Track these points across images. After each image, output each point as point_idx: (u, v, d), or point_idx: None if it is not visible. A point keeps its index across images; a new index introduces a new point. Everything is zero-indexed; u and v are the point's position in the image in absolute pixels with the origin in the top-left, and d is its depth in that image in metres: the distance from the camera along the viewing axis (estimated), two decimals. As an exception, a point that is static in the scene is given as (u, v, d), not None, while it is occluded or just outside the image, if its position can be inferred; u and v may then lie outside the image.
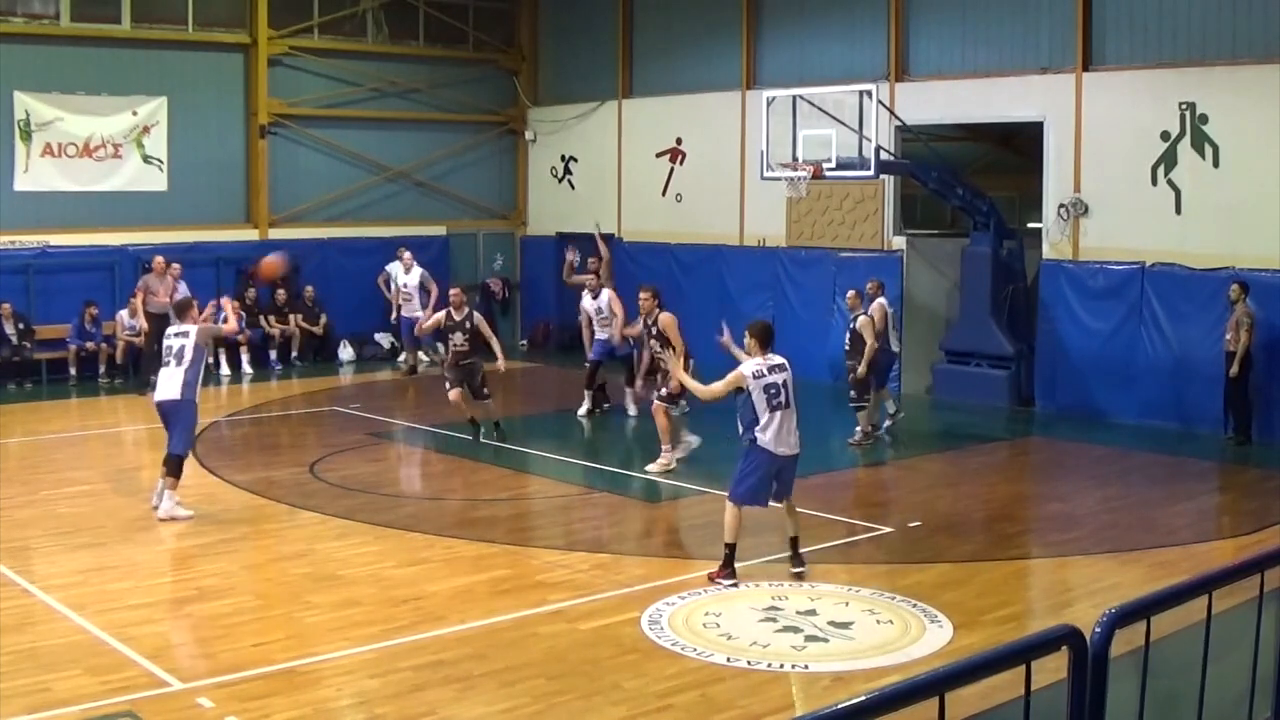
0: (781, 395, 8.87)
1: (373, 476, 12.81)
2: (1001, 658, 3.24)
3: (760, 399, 8.81)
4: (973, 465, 13.77)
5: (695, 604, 8.55)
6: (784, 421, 8.87)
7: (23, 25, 18.88)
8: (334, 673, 7.33)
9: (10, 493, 11.72)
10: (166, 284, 17.69)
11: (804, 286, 19.08)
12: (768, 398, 8.83)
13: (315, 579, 9.19)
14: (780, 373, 8.95)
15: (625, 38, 21.98)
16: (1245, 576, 4.23)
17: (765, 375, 8.88)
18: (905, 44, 18.18)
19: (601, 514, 11.73)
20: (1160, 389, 15.32)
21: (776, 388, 8.87)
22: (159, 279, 17.82)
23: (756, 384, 8.83)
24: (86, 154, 19.44)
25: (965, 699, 5.69)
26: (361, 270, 21.09)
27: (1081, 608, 8.48)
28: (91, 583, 8.99)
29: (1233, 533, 10.96)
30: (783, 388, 8.89)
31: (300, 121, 21.40)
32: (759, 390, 8.82)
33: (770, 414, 8.82)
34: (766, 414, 8.82)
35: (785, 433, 8.88)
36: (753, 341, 9.12)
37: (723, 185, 20.27)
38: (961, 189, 16.98)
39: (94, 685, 6.97)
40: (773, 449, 8.87)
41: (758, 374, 8.86)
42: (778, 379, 8.90)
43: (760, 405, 8.81)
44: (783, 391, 8.88)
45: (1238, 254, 14.72)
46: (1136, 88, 15.73)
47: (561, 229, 23.26)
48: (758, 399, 8.81)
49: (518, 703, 6.89)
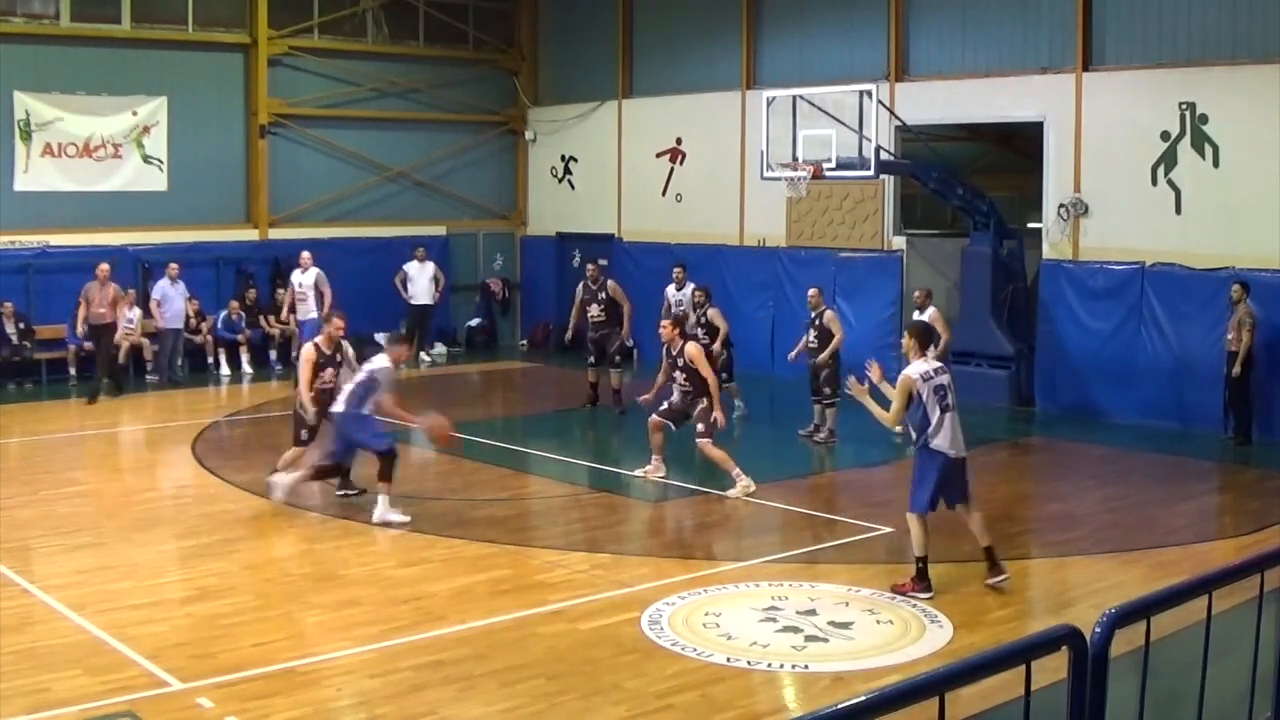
0: (949, 397, 8.76)
1: (373, 477, 12.77)
2: (1001, 658, 3.24)
3: (931, 401, 8.66)
4: (973, 465, 13.72)
5: (695, 604, 8.55)
6: (954, 423, 8.75)
7: (23, 25, 18.88)
8: (334, 673, 7.33)
9: (10, 493, 11.72)
10: (107, 293, 17.10)
11: (804, 287, 18.97)
12: (938, 399, 8.69)
13: (315, 579, 9.19)
14: (943, 375, 8.86)
15: (625, 38, 21.98)
16: (1245, 576, 4.23)
17: (933, 377, 8.75)
18: (905, 44, 18.18)
19: (601, 514, 11.72)
20: (1160, 389, 15.32)
21: (943, 389, 8.75)
22: (100, 288, 17.08)
23: (926, 386, 8.68)
24: (86, 154, 19.44)
25: (965, 699, 5.70)
26: (361, 270, 21.07)
27: (1081, 608, 8.48)
28: (91, 583, 8.99)
29: (1233, 533, 10.95)
30: (949, 389, 8.79)
31: (300, 121, 21.40)
32: (929, 392, 8.68)
33: (941, 415, 8.68)
34: (937, 415, 8.67)
35: (956, 434, 8.77)
36: (912, 343, 8.99)
37: (723, 185, 20.27)
38: (961, 189, 16.98)
39: (94, 685, 6.97)
40: (947, 451, 8.73)
41: (926, 376, 8.73)
42: (943, 380, 8.79)
43: (931, 407, 8.67)
44: (949, 393, 8.77)
45: (1238, 254, 14.72)
46: (1136, 88, 15.73)
47: (561, 229, 23.29)
48: (929, 401, 8.67)
49: (518, 703, 6.89)
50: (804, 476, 12.97)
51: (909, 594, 8.73)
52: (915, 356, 8.90)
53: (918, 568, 8.80)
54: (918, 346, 8.95)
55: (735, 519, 11.46)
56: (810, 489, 12.37)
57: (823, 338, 14.29)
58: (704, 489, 12.17)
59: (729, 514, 11.58)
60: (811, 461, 14.03)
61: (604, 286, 16.48)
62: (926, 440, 8.71)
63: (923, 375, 8.70)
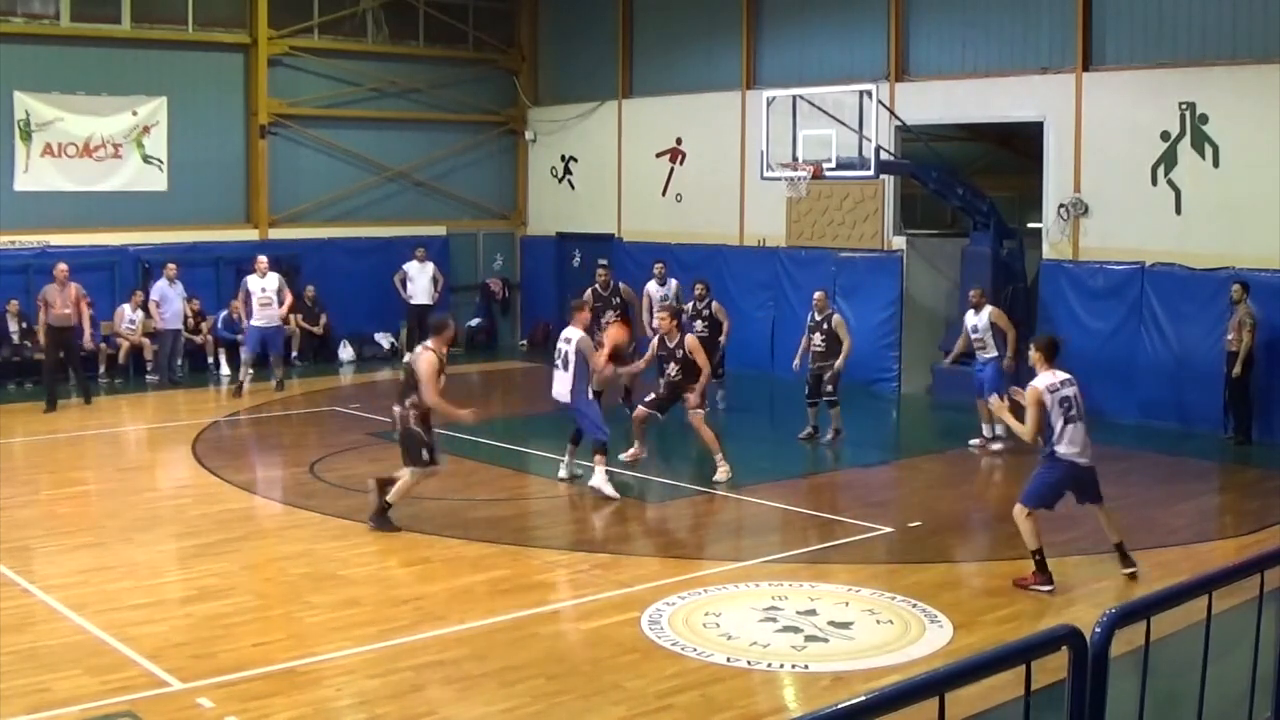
0: (1074, 408, 9.02)
1: (373, 476, 12.78)
2: (1001, 658, 3.24)
3: (1056, 412, 8.94)
4: (973, 465, 13.77)
5: (695, 604, 8.55)
6: (1078, 432, 9.02)
7: (23, 25, 18.88)
8: (334, 673, 7.33)
9: (10, 493, 11.72)
10: (68, 294, 16.62)
11: (804, 286, 19.03)
12: (1063, 410, 8.95)
13: (315, 579, 9.19)
14: (1070, 386, 9.09)
15: (625, 38, 21.98)
16: (1245, 576, 4.23)
17: (1059, 389, 8.99)
18: (905, 44, 18.18)
19: (602, 514, 11.72)
20: (1160, 389, 15.32)
21: (1069, 400, 9.00)
22: (60, 290, 16.63)
23: (1052, 398, 8.95)
24: (86, 154, 19.44)
25: (965, 699, 5.69)
26: (362, 270, 21.12)
27: (1081, 608, 8.48)
28: (91, 583, 8.99)
29: (1233, 533, 10.95)
30: (1074, 400, 9.05)
31: (300, 121, 21.40)
32: (1055, 404, 8.95)
33: (1065, 426, 8.95)
34: (1061, 425, 8.94)
35: (1082, 442, 9.03)
36: (1039, 356, 9.27)
37: (723, 185, 20.27)
38: (961, 189, 16.98)
39: (94, 685, 6.97)
40: (1076, 459, 9.00)
41: (1052, 389, 8.98)
42: (1069, 392, 9.04)
43: (1056, 418, 8.95)
44: (1074, 404, 9.04)
45: (1238, 254, 14.71)
46: (1136, 88, 15.73)
47: (561, 229, 23.29)
48: (1054, 412, 8.94)
49: (518, 703, 6.89)
50: (804, 476, 12.96)
51: (1030, 587, 8.92)
52: (1043, 368, 9.18)
53: (1035, 561, 8.99)
54: (1044, 359, 9.25)
55: (735, 519, 11.47)
56: (810, 489, 12.36)
57: (830, 342, 14.21)
58: (704, 489, 12.17)
59: (729, 514, 11.59)
60: (812, 461, 14.02)
61: (615, 290, 16.46)
62: (1053, 449, 8.98)
63: (1049, 388, 8.99)
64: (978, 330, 14.03)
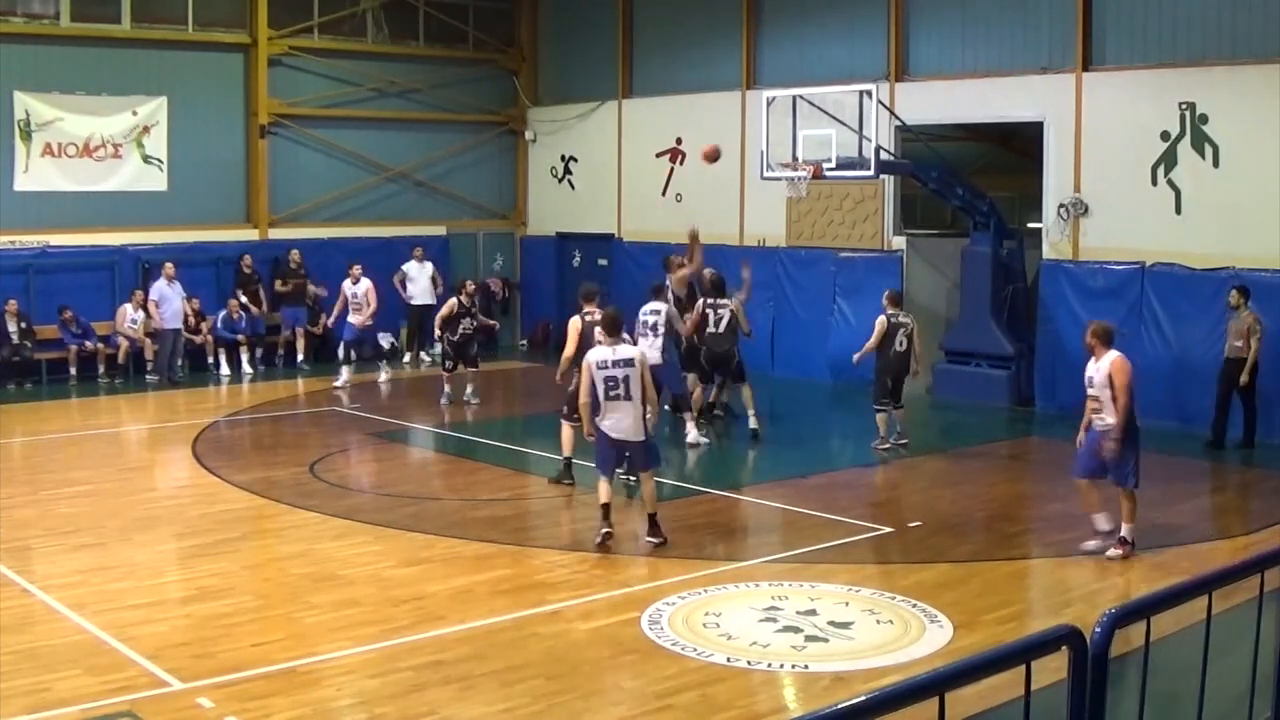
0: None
1: (373, 476, 12.81)
2: (1001, 658, 3.24)
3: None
4: (973, 465, 13.76)
5: (695, 604, 8.55)
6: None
7: (23, 25, 18.88)
8: (334, 673, 7.33)
9: (10, 493, 11.72)
10: None
11: (804, 286, 19.09)
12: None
13: (315, 579, 9.19)
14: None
15: (625, 38, 21.98)
16: (1245, 576, 4.23)
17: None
18: (905, 44, 18.18)
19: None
20: (1160, 389, 15.28)
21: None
22: None
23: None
24: (86, 154, 19.43)
25: (965, 699, 5.68)
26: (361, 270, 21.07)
27: (1081, 608, 8.48)
28: (91, 583, 8.99)
29: (1233, 533, 10.95)
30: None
31: (300, 121, 21.40)
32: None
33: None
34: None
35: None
36: (1095, 341, 9.84)
37: (723, 185, 20.26)
38: (961, 189, 16.97)
39: (94, 685, 6.97)
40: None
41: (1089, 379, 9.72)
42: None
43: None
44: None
45: (1238, 254, 14.71)
46: (1136, 88, 15.73)
47: (561, 229, 23.29)
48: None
49: (518, 703, 6.89)
50: (804, 476, 12.96)
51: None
52: (1101, 353, 9.68)
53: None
54: (1101, 344, 9.72)
55: (735, 519, 11.48)
56: (810, 489, 12.35)
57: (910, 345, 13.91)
58: (704, 489, 12.18)
59: (729, 514, 11.59)
60: (812, 462, 14.00)
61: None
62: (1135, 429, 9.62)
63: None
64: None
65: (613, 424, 9.73)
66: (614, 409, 9.70)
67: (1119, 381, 9.55)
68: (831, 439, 15.73)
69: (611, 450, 9.90)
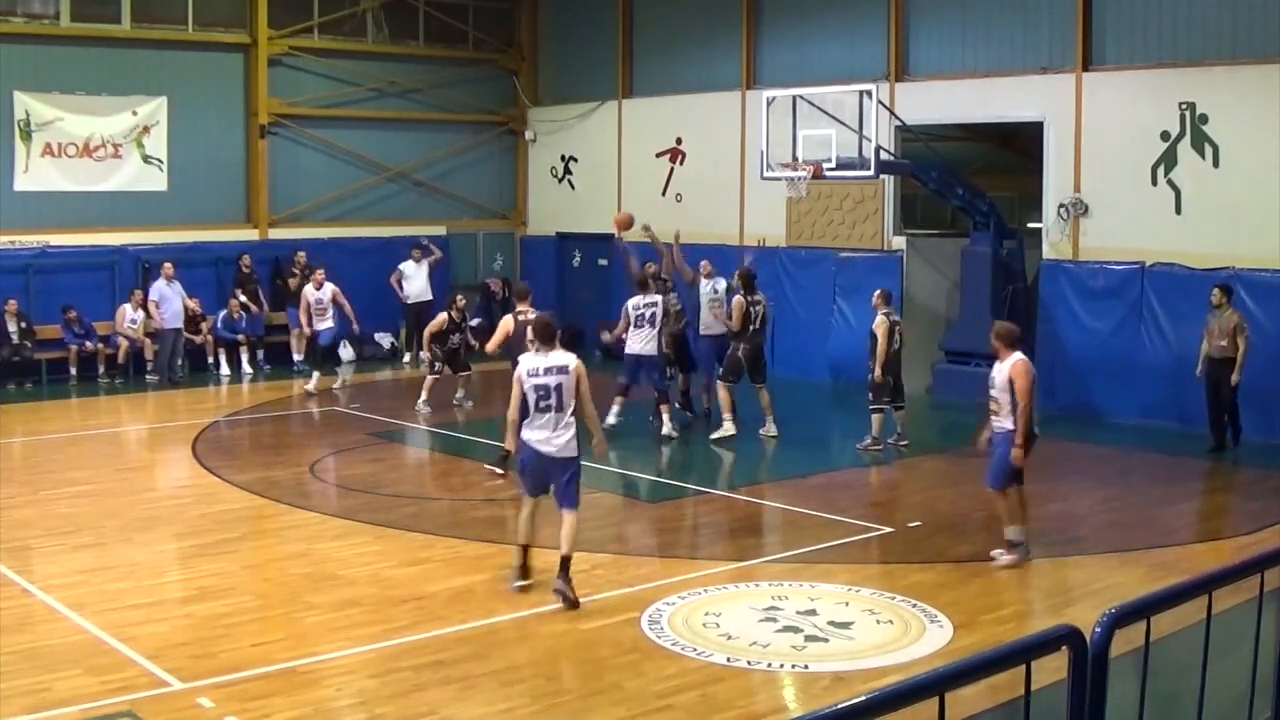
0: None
1: (373, 476, 12.81)
2: (1001, 658, 3.24)
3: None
4: (973, 465, 13.69)
5: (695, 604, 8.54)
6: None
7: (23, 25, 18.88)
8: (334, 673, 7.33)
9: (10, 493, 11.72)
10: None
11: (804, 286, 19.08)
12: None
13: (315, 579, 9.19)
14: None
15: (625, 38, 21.97)
16: (1245, 576, 4.23)
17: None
18: (905, 44, 18.18)
19: (601, 514, 11.70)
20: (1160, 389, 15.30)
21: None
22: None
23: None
24: (86, 154, 19.43)
25: (965, 699, 5.69)
26: (362, 270, 21.05)
27: (1081, 608, 8.47)
28: (91, 583, 8.99)
29: (1233, 533, 10.95)
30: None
31: (300, 121, 21.39)
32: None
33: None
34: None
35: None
36: (999, 343, 9.71)
37: (723, 185, 20.26)
38: (961, 189, 16.97)
39: (94, 685, 6.97)
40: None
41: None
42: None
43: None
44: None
45: (1238, 254, 14.71)
46: (1136, 88, 15.73)
47: (561, 229, 23.28)
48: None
49: (518, 703, 6.89)
50: (804, 476, 12.96)
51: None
52: (1005, 354, 9.51)
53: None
54: (1005, 345, 9.54)
55: (735, 519, 11.47)
56: (810, 489, 12.35)
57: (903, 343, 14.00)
58: (704, 489, 12.17)
59: (729, 514, 11.58)
60: (811, 461, 14.00)
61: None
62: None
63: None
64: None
65: (541, 437, 8.57)
66: (544, 421, 8.57)
67: (1020, 384, 9.25)
68: (831, 439, 15.71)
69: (537, 468, 8.68)
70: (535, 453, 8.63)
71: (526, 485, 8.85)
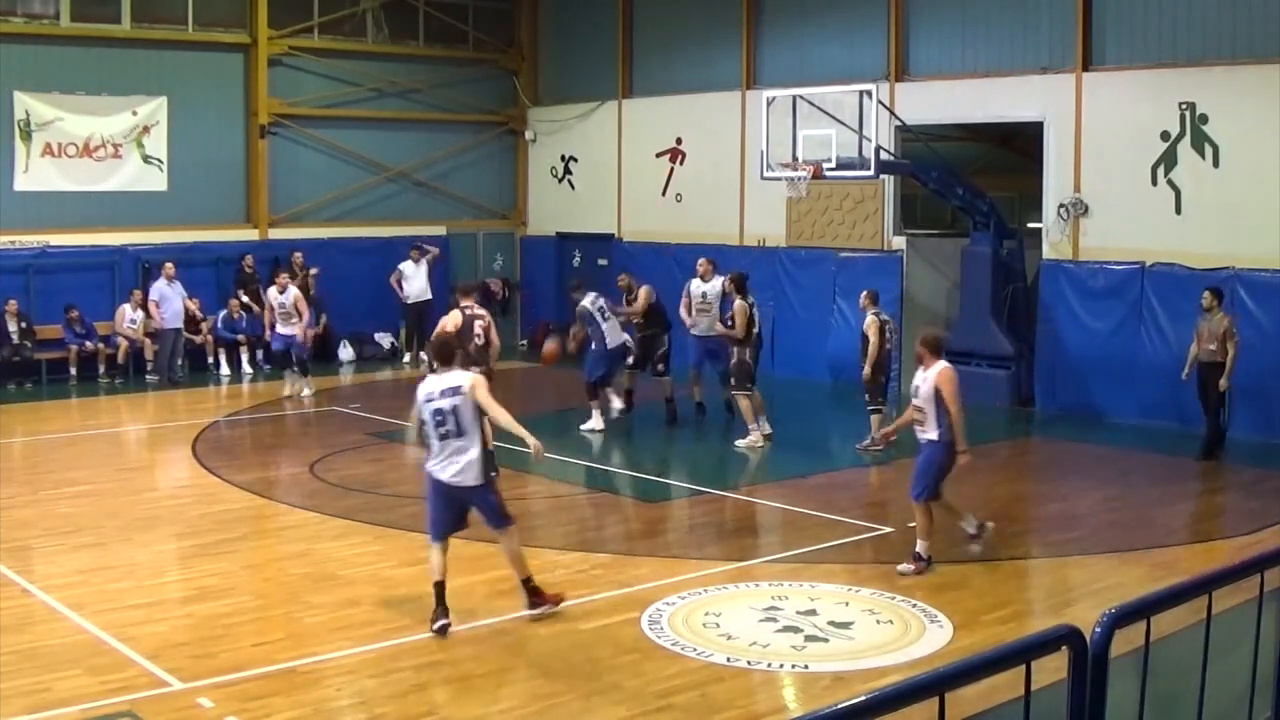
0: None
1: (373, 476, 12.81)
2: (1001, 658, 3.24)
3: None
4: (972, 465, 13.72)
5: (695, 604, 8.55)
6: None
7: (23, 25, 18.88)
8: (334, 673, 7.33)
9: (10, 493, 11.72)
10: None
11: (804, 286, 19.08)
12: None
13: (315, 579, 9.19)
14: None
15: (625, 38, 21.98)
16: (1245, 576, 4.23)
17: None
18: (905, 44, 18.18)
19: (602, 514, 11.72)
20: (1160, 389, 15.29)
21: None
22: None
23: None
24: (86, 154, 19.43)
25: (965, 699, 5.69)
26: (361, 270, 21.10)
27: (1081, 608, 8.48)
28: (91, 583, 8.99)
29: (1233, 533, 10.94)
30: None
31: (300, 121, 21.39)
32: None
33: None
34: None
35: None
36: (924, 350, 9.57)
37: (723, 185, 20.26)
38: (961, 189, 16.97)
39: (94, 685, 6.98)
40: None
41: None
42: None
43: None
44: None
45: (1238, 254, 14.71)
46: (1136, 88, 15.73)
47: (561, 229, 23.29)
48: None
49: (518, 703, 6.89)
50: (804, 476, 12.96)
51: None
52: (930, 362, 9.32)
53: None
54: (930, 353, 9.31)
55: (735, 519, 11.47)
56: (810, 489, 12.36)
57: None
58: (704, 489, 12.17)
59: (729, 514, 11.59)
60: (811, 462, 14.00)
61: (637, 296, 16.10)
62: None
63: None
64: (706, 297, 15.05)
65: (444, 468, 7.92)
66: (445, 449, 7.90)
67: (946, 391, 9.12)
68: (831, 439, 15.71)
69: (445, 503, 8.02)
70: (440, 484, 7.94)
71: (433, 525, 8.05)
